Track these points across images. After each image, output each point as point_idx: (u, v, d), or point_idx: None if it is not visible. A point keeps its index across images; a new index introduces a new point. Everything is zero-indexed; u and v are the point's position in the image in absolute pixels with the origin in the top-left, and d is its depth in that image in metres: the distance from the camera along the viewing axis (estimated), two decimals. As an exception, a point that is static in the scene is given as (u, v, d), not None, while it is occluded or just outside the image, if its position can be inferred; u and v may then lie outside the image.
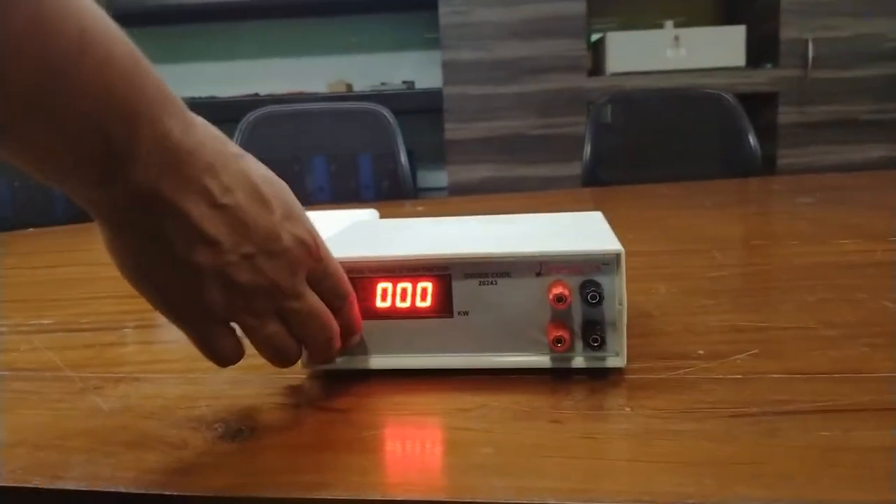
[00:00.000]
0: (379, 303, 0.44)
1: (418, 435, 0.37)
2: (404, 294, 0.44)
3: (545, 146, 2.57)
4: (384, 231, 0.56)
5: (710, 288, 0.62)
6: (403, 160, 1.59)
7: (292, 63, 3.04)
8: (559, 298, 0.41)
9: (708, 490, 0.29)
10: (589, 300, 0.41)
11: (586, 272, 0.42)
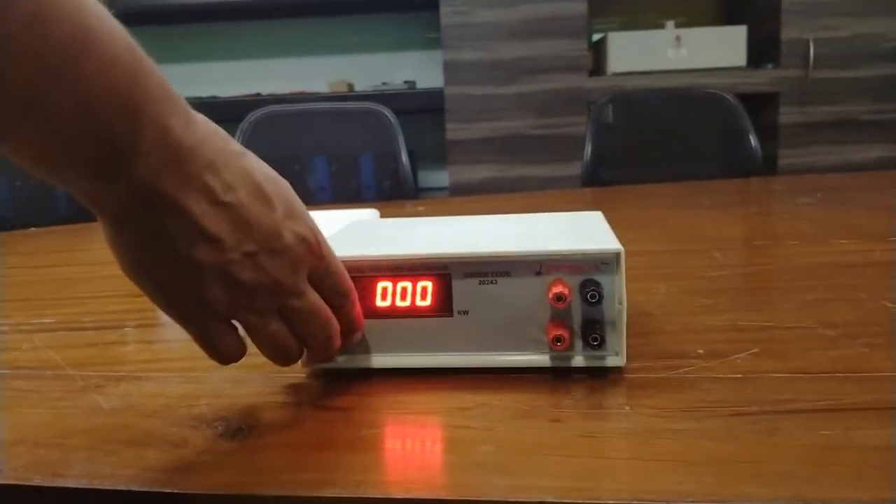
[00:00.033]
0: (379, 302, 0.44)
1: (419, 433, 0.37)
2: (404, 293, 0.44)
3: (546, 146, 2.57)
4: (384, 230, 0.56)
5: (711, 287, 0.62)
6: (404, 160, 1.59)
7: (294, 63, 3.04)
8: (559, 297, 0.41)
9: (708, 489, 0.29)
10: (589, 299, 0.41)
11: (586, 271, 0.42)
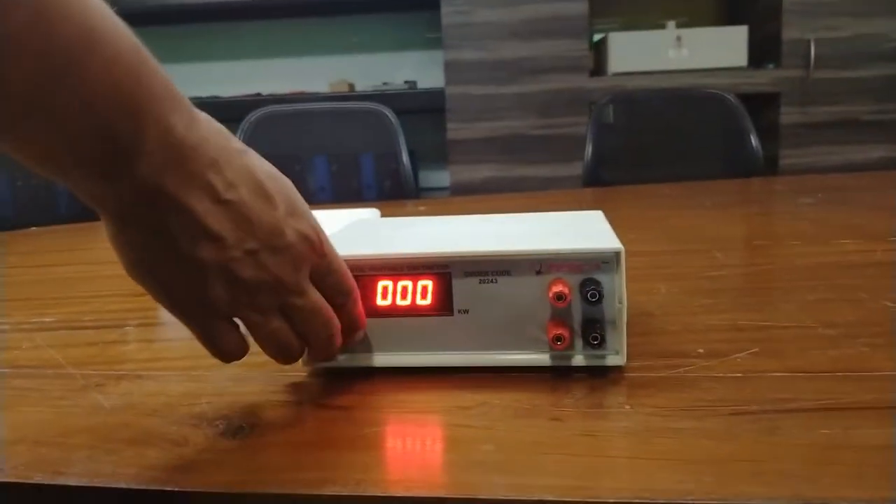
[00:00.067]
0: (379, 301, 0.44)
1: (419, 432, 0.37)
2: (405, 292, 0.44)
3: (547, 146, 2.57)
4: (385, 229, 0.56)
5: (711, 287, 0.62)
6: (405, 160, 1.59)
7: (294, 63, 3.04)
8: (559, 296, 0.41)
9: (708, 488, 0.29)
10: (589, 298, 0.41)
11: (586, 270, 0.42)
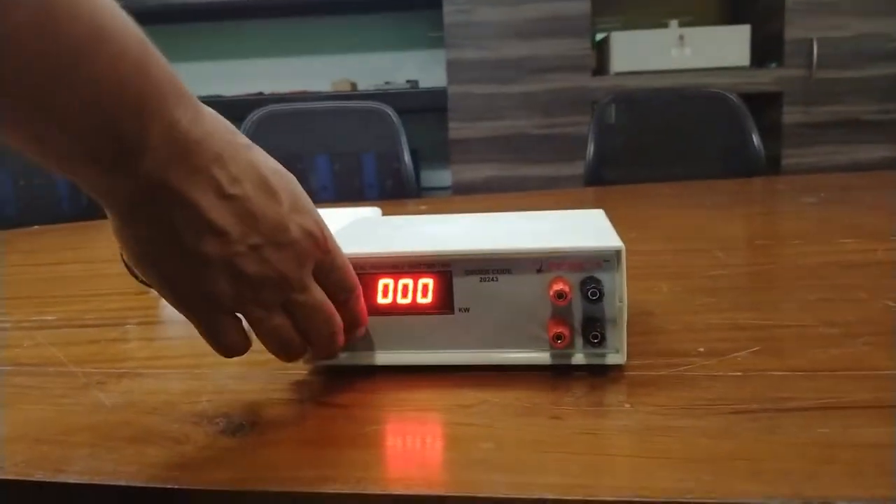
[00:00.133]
0: (380, 299, 0.44)
1: (420, 430, 0.37)
2: (405, 290, 0.44)
3: (549, 146, 2.57)
4: (386, 228, 0.56)
5: (712, 287, 0.62)
6: (407, 159, 1.59)
7: (296, 62, 3.04)
8: (560, 295, 0.41)
9: (707, 486, 0.29)
10: (589, 297, 0.41)
11: (587, 269, 0.42)
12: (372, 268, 0.44)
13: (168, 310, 0.64)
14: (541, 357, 0.43)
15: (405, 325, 0.44)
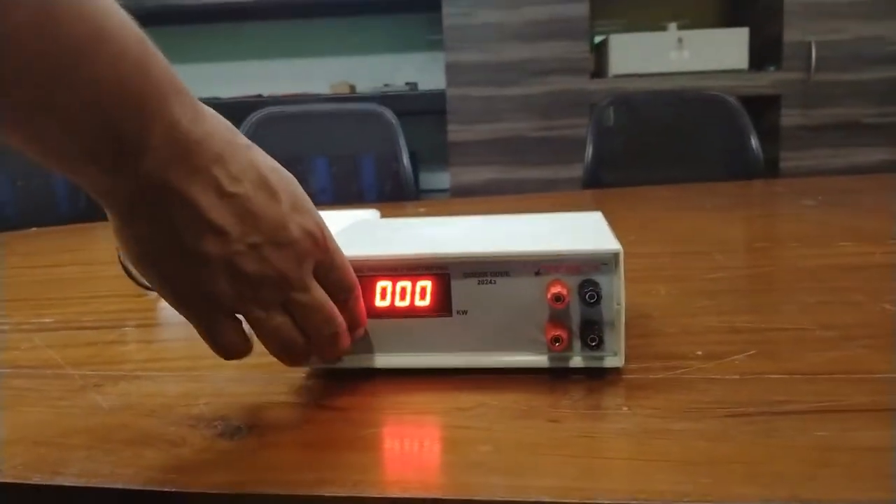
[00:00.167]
0: (378, 302, 0.44)
1: (417, 433, 0.37)
2: (403, 293, 0.44)
3: (547, 148, 2.57)
4: (384, 230, 0.56)
5: (711, 290, 0.62)
6: (406, 162, 1.59)
7: (295, 64, 3.04)
8: (557, 298, 0.41)
9: (704, 489, 0.29)
10: (587, 300, 0.41)
11: (585, 272, 0.42)
12: (370, 270, 0.44)
13: (166, 312, 0.64)
14: (539, 360, 0.43)
15: (403, 328, 0.44)
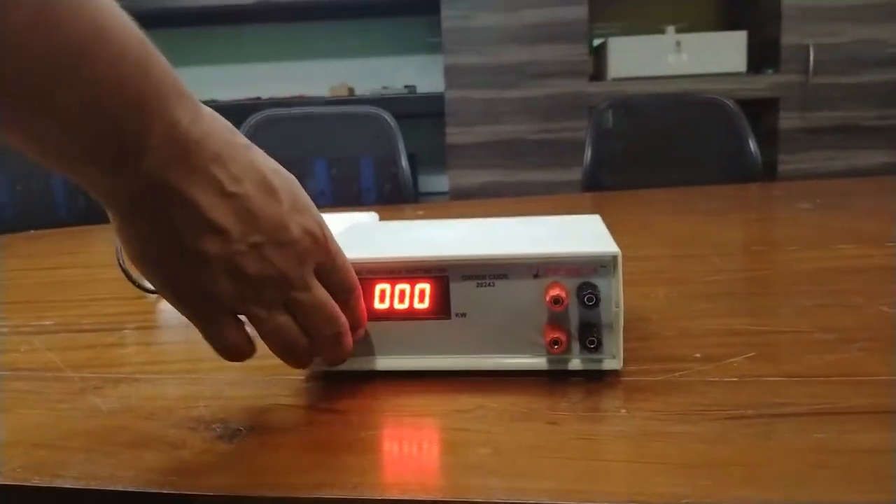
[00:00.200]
0: (377, 304, 0.44)
1: (416, 436, 0.37)
2: (402, 295, 0.44)
3: (546, 151, 2.57)
4: (382, 233, 0.56)
5: (709, 292, 0.62)
6: (404, 164, 1.59)
7: (294, 67, 3.04)
8: (556, 300, 0.41)
9: (703, 491, 0.29)
10: (586, 302, 0.41)
11: (583, 274, 0.42)
12: (369, 273, 0.44)
13: (165, 315, 0.64)
14: (537, 362, 0.43)
15: (402, 331, 0.44)
